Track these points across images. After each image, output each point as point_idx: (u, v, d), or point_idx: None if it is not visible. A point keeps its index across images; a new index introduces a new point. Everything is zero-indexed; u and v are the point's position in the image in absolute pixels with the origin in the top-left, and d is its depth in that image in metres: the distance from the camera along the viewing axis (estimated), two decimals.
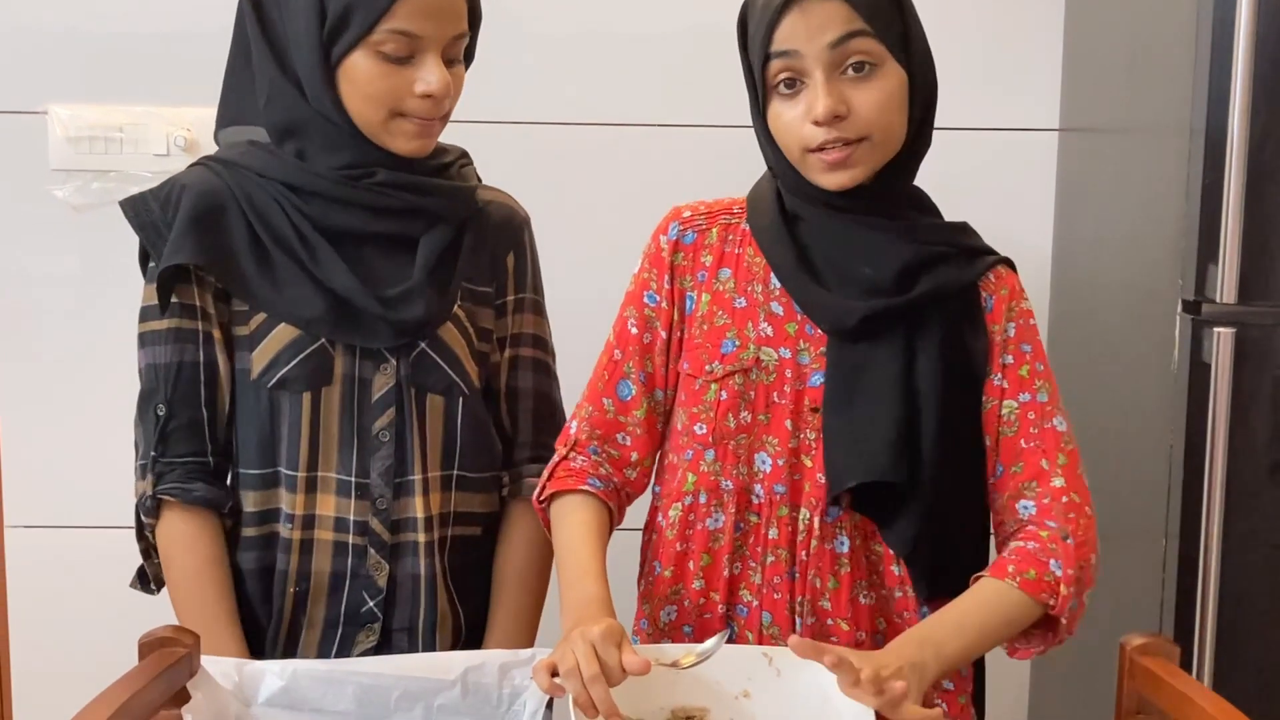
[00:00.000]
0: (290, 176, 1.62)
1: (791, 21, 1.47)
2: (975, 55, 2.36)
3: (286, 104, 1.62)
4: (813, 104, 1.48)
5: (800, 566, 1.57)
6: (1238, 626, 1.86)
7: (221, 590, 1.65)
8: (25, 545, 2.46)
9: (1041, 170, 2.43)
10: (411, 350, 1.65)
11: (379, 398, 1.65)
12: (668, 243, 1.63)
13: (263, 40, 1.62)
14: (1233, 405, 1.82)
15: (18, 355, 2.43)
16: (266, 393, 1.63)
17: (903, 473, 1.51)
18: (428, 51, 1.57)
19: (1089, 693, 2.16)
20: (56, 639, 2.45)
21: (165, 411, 1.65)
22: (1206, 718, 1.28)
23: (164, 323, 1.65)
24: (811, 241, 1.57)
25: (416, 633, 1.69)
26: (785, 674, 1.44)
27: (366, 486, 1.65)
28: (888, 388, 1.53)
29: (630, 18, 2.39)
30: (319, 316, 1.61)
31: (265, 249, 1.63)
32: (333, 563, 1.66)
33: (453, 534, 1.71)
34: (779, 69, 1.49)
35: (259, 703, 1.42)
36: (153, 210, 1.64)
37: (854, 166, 1.51)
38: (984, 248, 1.62)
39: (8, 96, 2.36)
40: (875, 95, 1.49)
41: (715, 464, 1.59)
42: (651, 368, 1.63)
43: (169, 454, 1.66)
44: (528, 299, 1.78)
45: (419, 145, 1.63)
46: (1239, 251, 1.79)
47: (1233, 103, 1.77)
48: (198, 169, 1.68)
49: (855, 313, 1.53)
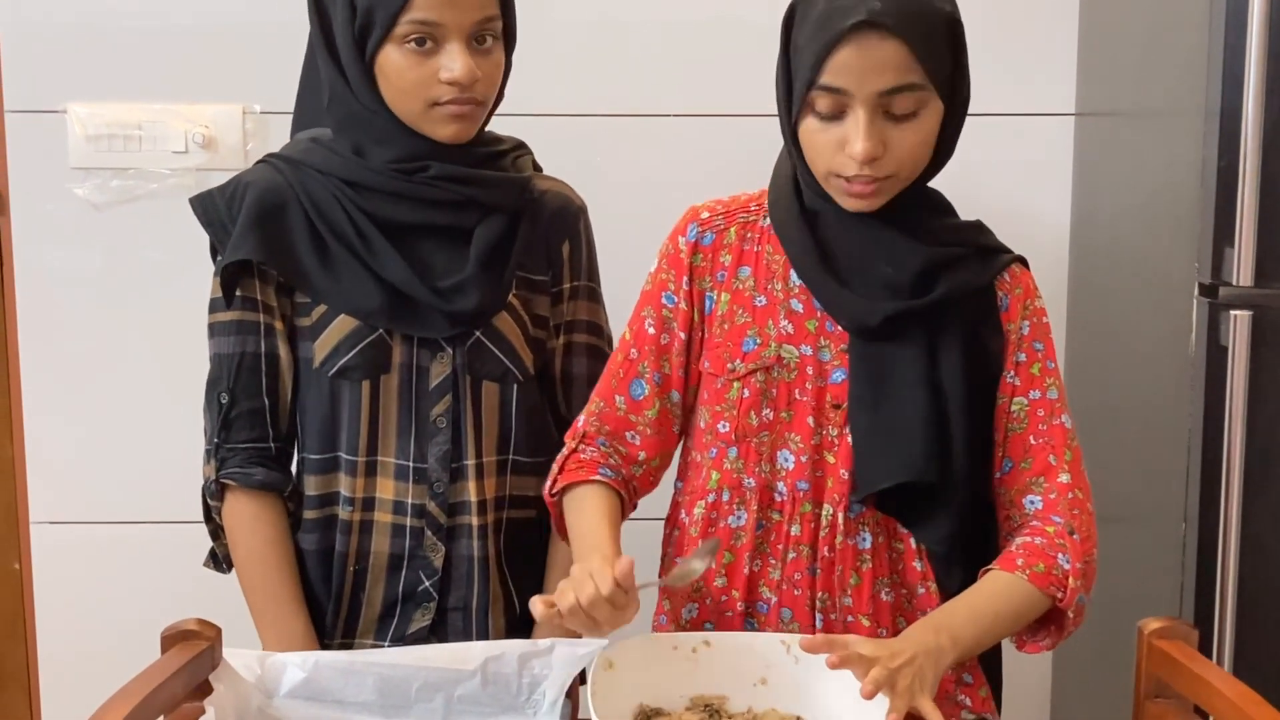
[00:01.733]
0: (347, 172, 1.67)
1: (846, 56, 1.43)
2: (992, 42, 2.34)
3: (343, 101, 1.67)
4: (851, 141, 1.45)
5: (822, 563, 1.57)
6: (1257, 610, 1.86)
7: (283, 568, 1.71)
8: (51, 541, 2.49)
9: (1059, 155, 2.42)
10: (467, 339, 1.70)
11: (436, 385, 1.70)
12: (686, 244, 1.63)
13: (322, 41, 1.67)
14: (1250, 387, 1.81)
15: (42, 353, 2.45)
16: (328, 381, 1.69)
17: (936, 472, 1.52)
18: (451, 39, 1.60)
19: (1110, 676, 2.16)
20: (82, 632, 2.48)
21: (228, 400, 1.71)
22: (1224, 700, 1.28)
23: (228, 315, 1.70)
24: (832, 238, 1.57)
25: (470, 612, 1.74)
26: (803, 661, 1.44)
27: (424, 471, 1.70)
28: (915, 388, 1.53)
29: (654, 6, 2.39)
30: (377, 308, 1.66)
31: (325, 243, 1.68)
32: (391, 544, 1.71)
33: (507, 517, 1.75)
34: (821, 97, 1.46)
35: (281, 694, 1.43)
36: (219, 207, 1.70)
37: (877, 197, 1.51)
38: (999, 246, 1.61)
39: (27, 96, 2.38)
40: (913, 138, 1.48)
41: (738, 461, 1.59)
42: (669, 369, 1.63)
43: (231, 440, 1.71)
44: (582, 286, 1.81)
45: (456, 130, 1.65)
46: (1255, 234, 1.79)
47: (1247, 86, 1.77)
48: (261, 166, 1.73)
49: (878, 313, 1.53)
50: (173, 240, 2.31)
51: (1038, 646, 1.56)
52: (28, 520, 2.50)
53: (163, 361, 2.41)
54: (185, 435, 1.90)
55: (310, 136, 1.74)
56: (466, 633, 1.73)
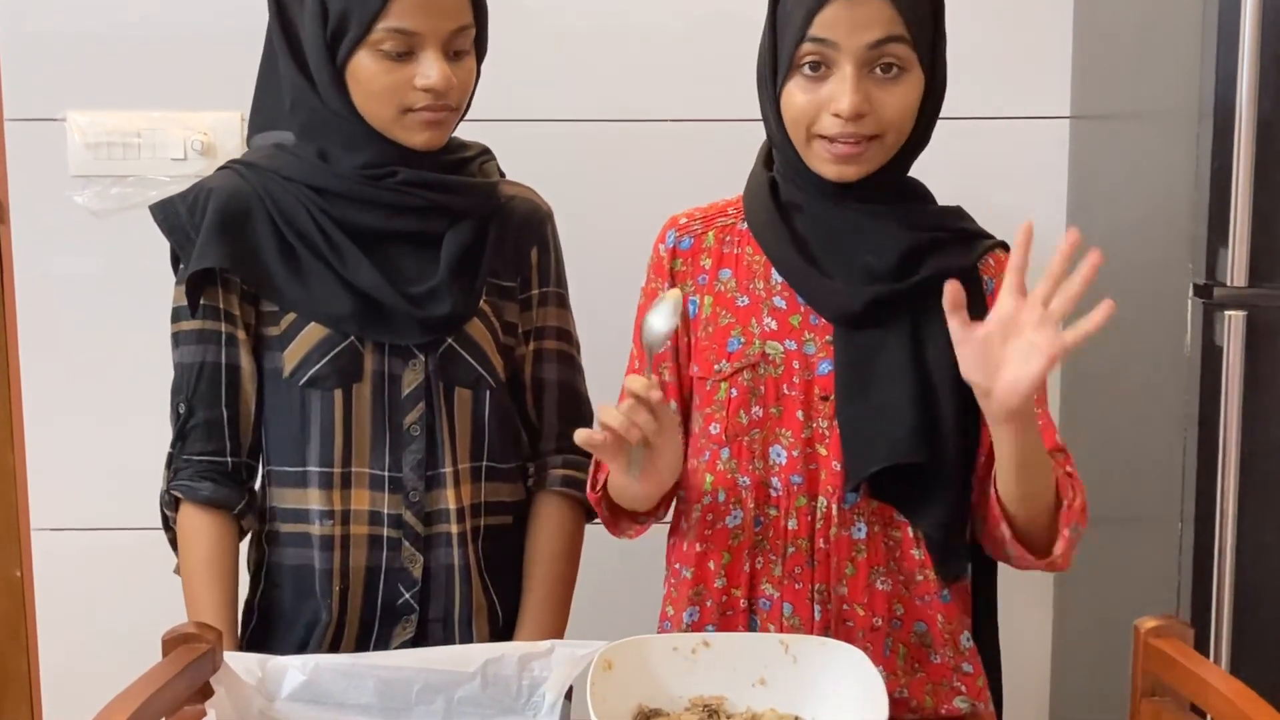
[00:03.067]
0: (313, 178, 1.65)
1: (835, 10, 1.47)
2: (987, 45, 2.36)
3: (308, 106, 1.65)
4: (838, 96, 1.49)
5: (819, 555, 1.58)
6: (1253, 608, 1.86)
7: (209, 586, 1.67)
8: (52, 547, 2.49)
9: (1054, 158, 2.43)
10: (439, 346, 1.68)
11: (409, 393, 1.68)
12: (666, 250, 1.65)
13: (284, 44, 1.65)
14: (1245, 387, 1.82)
15: (42, 360, 2.45)
16: (298, 391, 1.66)
17: (924, 454, 1.52)
18: (427, 47, 1.59)
19: (1107, 674, 2.16)
20: (83, 638, 2.48)
21: (185, 410, 1.69)
22: (1220, 698, 1.29)
23: (191, 324, 1.69)
24: (810, 232, 1.58)
25: (453, 623, 1.72)
26: (801, 662, 1.45)
27: (399, 480, 1.68)
28: (901, 372, 1.54)
29: (632, 11, 2.40)
30: (347, 315, 1.64)
31: (292, 250, 1.66)
32: (368, 556, 1.69)
33: (485, 524, 1.73)
34: (810, 51, 1.50)
35: (281, 697, 1.44)
36: (180, 214, 1.68)
37: (861, 163, 1.52)
38: (980, 231, 1.63)
39: (27, 104, 2.38)
40: (898, 98, 1.51)
41: (731, 461, 1.60)
42: (666, 378, 1.64)
43: (186, 451, 1.70)
44: (551, 292, 1.80)
45: (429, 137, 1.64)
46: (1249, 234, 1.80)
47: (1240, 86, 1.77)
48: (224, 172, 1.71)
49: (860, 298, 1.54)
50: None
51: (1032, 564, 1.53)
52: (29, 526, 2.51)
53: (163, 368, 2.38)
54: None
55: (274, 142, 1.72)
56: (449, 644, 1.70)
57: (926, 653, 1.60)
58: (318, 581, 1.68)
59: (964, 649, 1.62)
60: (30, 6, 2.37)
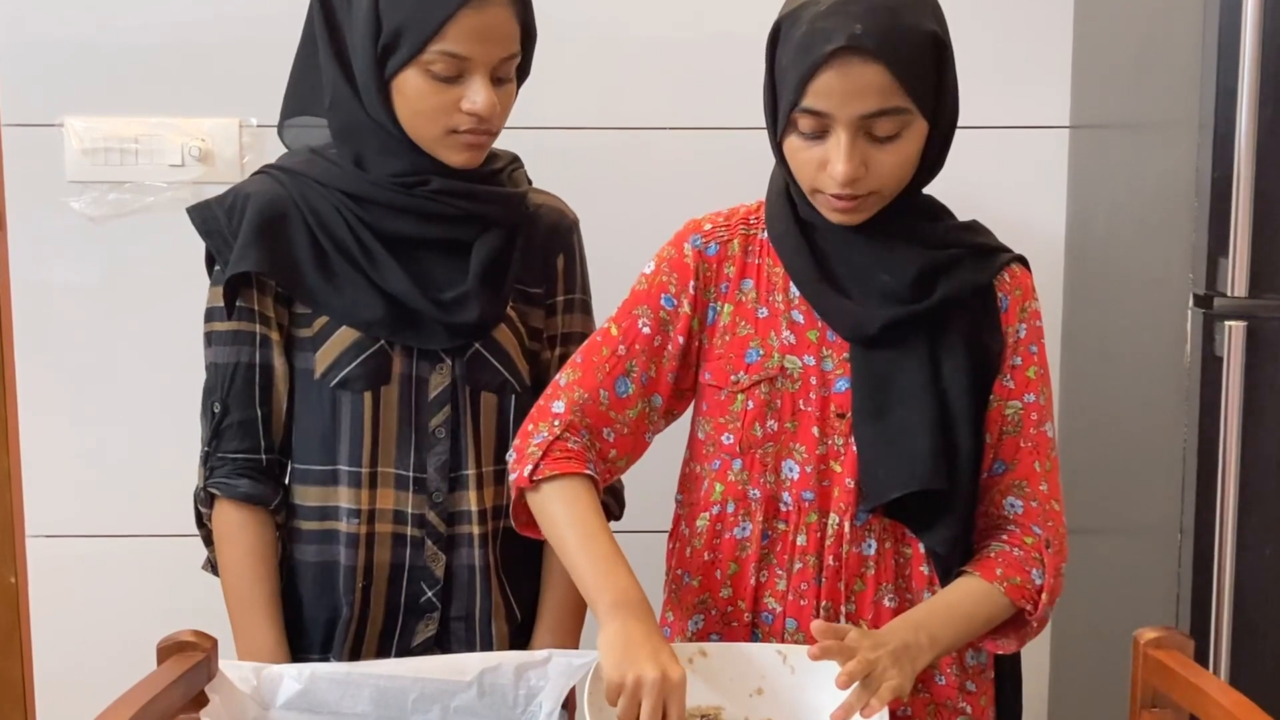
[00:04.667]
0: (349, 185, 1.68)
1: (828, 80, 1.44)
2: (987, 54, 2.36)
3: (348, 109, 1.68)
4: (833, 162, 1.47)
5: (828, 572, 1.57)
6: (1253, 620, 1.85)
7: (260, 580, 1.71)
8: (47, 554, 2.49)
9: (1053, 167, 2.43)
10: (466, 350, 1.71)
11: (435, 396, 1.71)
12: (692, 250, 1.62)
13: (329, 44, 1.67)
14: (1245, 398, 1.81)
15: (39, 366, 2.45)
16: (329, 392, 1.70)
17: (945, 480, 1.52)
18: (475, 72, 1.62)
19: (1106, 686, 2.16)
20: (78, 645, 2.47)
21: (220, 409, 1.72)
22: (1220, 710, 1.29)
23: (227, 325, 1.71)
24: (829, 249, 1.57)
25: (474, 621, 1.75)
26: (799, 671, 1.45)
27: (423, 481, 1.71)
28: (919, 395, 1.53)
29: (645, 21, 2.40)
30: (378, 319, 1.68)
31: (326, 255, 1.69)
32: (392, 554, 1.72)
33: (505, 526, 1.75)
34: (804, 119, 1.48)
35: (277, 706, 1.43)
36: (218, 218, 1.71)
37: (862, 212, 1.52)
38: (997, 245, 1.62)
39: (24, 110, 2.38)
40: (894, 159, 1.49)
41: (743, 473, 1.59)
42: (655, 372, 1.61)
43: (222, 449, 1.72)
44: (576, 299, 1.83)
45: (469, 157, 1.67)
46: (1249, 245, 1.79)
47: (1241, 96, 1.77)
48: (261, 177, 1.74)
49: (876, 320, 1.53)
50: (170, 253, 2.30)
51: (997, 646, 1.60)
52: (24, 533, 2.50)
53: (160, 375, 2.41)
54: (183, 449, 1.90)
55: (310, 148, 1.75)
56: (470, 642, 1.74)
57: (931, 672, 1.59)
58: (341, 578, 1.71)
59: (969, 667, 1.62)
60: (28, 12, 2.36)
